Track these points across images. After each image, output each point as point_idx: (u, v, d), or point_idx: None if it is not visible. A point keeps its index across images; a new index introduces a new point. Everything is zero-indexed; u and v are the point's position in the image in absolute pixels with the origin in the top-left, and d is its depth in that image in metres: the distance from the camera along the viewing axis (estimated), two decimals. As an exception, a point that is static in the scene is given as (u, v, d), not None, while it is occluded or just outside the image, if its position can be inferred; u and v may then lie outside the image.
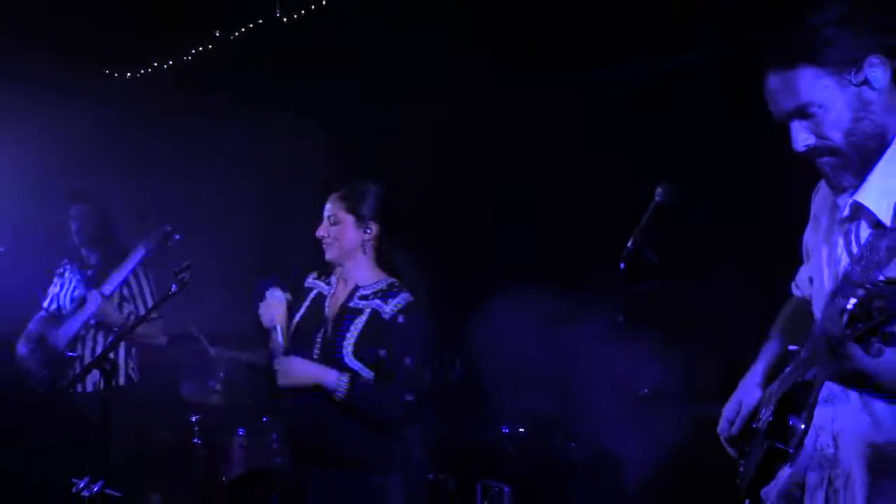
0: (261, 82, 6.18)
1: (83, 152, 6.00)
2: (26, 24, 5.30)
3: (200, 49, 5.67)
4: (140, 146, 6.11)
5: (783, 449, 2.24)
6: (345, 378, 3.40)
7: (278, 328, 3.53)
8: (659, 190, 3.22)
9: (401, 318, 3.50)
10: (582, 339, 5.20)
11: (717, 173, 4.80)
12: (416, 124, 6.40)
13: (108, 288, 4.89)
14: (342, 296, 3.66)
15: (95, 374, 4.82)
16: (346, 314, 3.58)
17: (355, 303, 3.60)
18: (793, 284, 2.74)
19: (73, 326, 4.96)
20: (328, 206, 3.64)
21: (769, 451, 2.31)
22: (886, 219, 2.10)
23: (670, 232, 3.25)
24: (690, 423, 4.62)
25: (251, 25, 5.50)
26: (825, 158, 2.17)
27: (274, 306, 3.59)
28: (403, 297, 3.55)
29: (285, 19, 5.44)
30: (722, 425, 2.60)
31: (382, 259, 3.68)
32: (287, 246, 4.12)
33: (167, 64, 5.82)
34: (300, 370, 3.47)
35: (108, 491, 4.38)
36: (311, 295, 3.73)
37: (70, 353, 4.98)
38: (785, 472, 2.32)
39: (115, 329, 4.98)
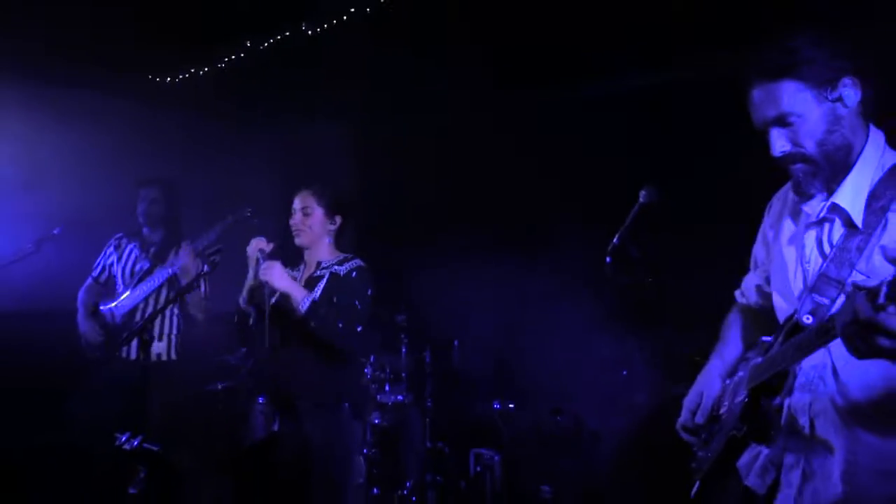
0: (286, 89, 6.31)
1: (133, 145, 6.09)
2: (77, 34, 5.41)
3: (233, 57, 5.79)
4: (181, 144, 6.19)
5: (761, 430, 2.24)
6: (309, 299, 3.75)
7: (260, 258, 3.85)
8: (643, 192, 3.35)
9: (353, 274, 3.95)
10: (569, 325, 5.37)
11: (693, 179, 4.90)
12: (419, 131, 6.57)
13: (200, 243, 4.98)
14: (308, 272, 4.05)
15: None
16: (312, 282, 3.96)
17: (318, 272, 4.00)
18: (738, 292, 2.82)
19: (137, 297, 5.05)
20: (299, 199, 4.03)
21: (740, 435, 2.30)
22: (858, 219, 2.20)
23: (651, 230, 3.41)
24: (664, 402, 4.80)
25: (279, 37, 5.61)
26: (798, 165, 2.25)
27: (258, 245, 3.91)
28: (356, 262, 4.01)
29: (310, 32, 5.57)
30: (684, 416, 2.64)
31: (340, 243, 4.13)
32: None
33: (203, 71, 5.94)
34: (279, 275, 3.79)
35: (146, 445, 4.50)
36: None
37: (134, 323, 5.05)
38: (763, 452, 2.34)
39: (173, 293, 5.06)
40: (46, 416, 5.07)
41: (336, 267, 3.98)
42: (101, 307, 5.05)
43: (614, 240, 3.45)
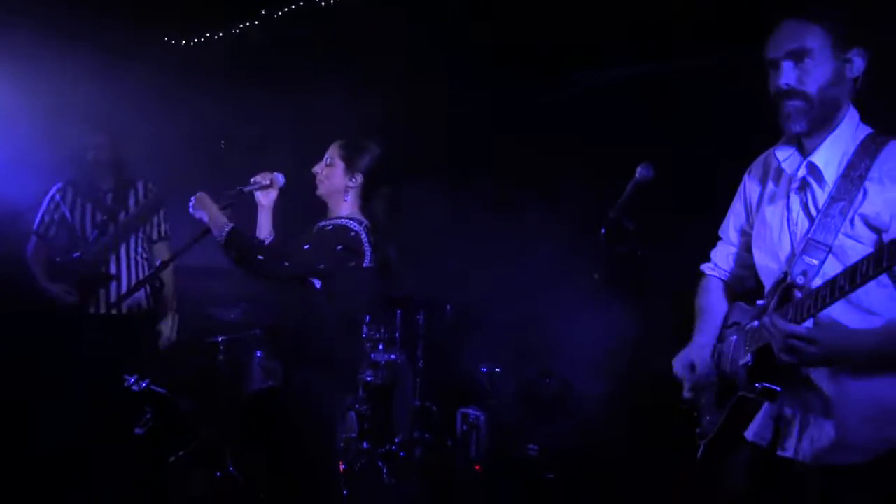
0: (298, 58, 6.34)
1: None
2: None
3: (248, 24, 5.85)
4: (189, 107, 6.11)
5: (771, 388, 2.37)
6: (227, 227, 3.60)
7: (204, 217, 3.68)
8: (639, 169, 3.48)
9: (329, 227, 3.71)
10: (560, 292, 5.53)
11: (687, 159, 5.04)
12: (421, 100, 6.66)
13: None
14: None
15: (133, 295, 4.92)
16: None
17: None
18: (706, 266, 3.01)
19: (104, 244, 4.90)
20: (329, 150, 3.85)
21: (752, 395, 2.42)
22: (830, 180, 2.43)
23: (646, 204, 3.56)
24: (647, 369, 4.98)
25: (293, 6, 5.68)
26: (795, 101, 2.44)
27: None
28: (345, 221, 3.71)
29: (323, 3, 5.66)
30: (687, 389, 2.74)
31: (365, 207, 3.84)
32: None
33: (218, 35, 5.98)
34: (206, 204, 3.69)
35: (153, 387, 4.63)
36: None
37: (108, 272, 4.91)
38: (763, 408, 2.50)
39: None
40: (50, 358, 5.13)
41: (326, 221, 3.80)
42: (63, 259, 4.90)
43: (610, 213, 3.50)
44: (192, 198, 3.75)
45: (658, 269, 4.15)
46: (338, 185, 3.82)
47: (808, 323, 2.28)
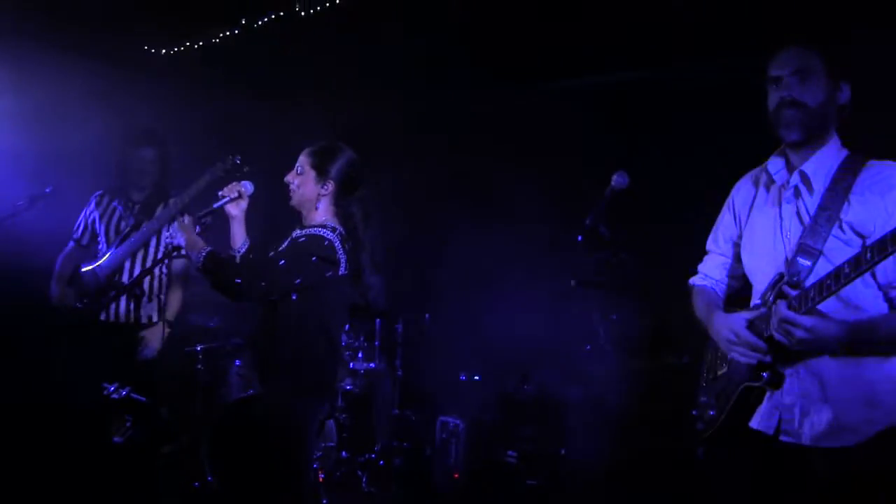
0: (278, 69, 6.36)
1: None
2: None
3: (227, 34, 5.84)
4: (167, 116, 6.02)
5: (778, 373, 2.63)
6: (204, 252, 3.57)
7: (182, 243, 3.69)
8: (615, 177, 3.43)
9: (302, 239, 3.62)
10: (537, 300, 5.56)
11: (661, 167, 5.11)
12: (397, 113, 6.69)
13: (188, 195, 4.82)
14: None
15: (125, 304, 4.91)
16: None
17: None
18: (694, 278, 3.18)
19: (121, 255, 4.87)
20: (300, 157, 3.74)
21: (759, 384, 2.66)
22: (819, 189, 2.70)
23: (621, 212, 3.60)
24: (624, 374, 5.03)
25: (273, 17, 5.68)
26: (794, 111, 2.71)
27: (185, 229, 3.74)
28: (318, 230, 3.63)
29: (303, 13, 5.63)
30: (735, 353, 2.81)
31: (339, 214, 3.74)
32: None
33: (197, 45, 5.97)
34: (188, 232, 3.69)
35: (134, 395, 4.60)
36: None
37: (120, 281, 4.90)
38: (765, 398, 2.71)
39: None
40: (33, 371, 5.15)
41: (299, 231, 3.71)
42: (83, 268, 4.86)
43: (586, 220, 3.50)
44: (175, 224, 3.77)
45: (634, 274, 4.21)
46: (309, 193, 3.73)
47: None
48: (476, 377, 6.14)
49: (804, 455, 2.60)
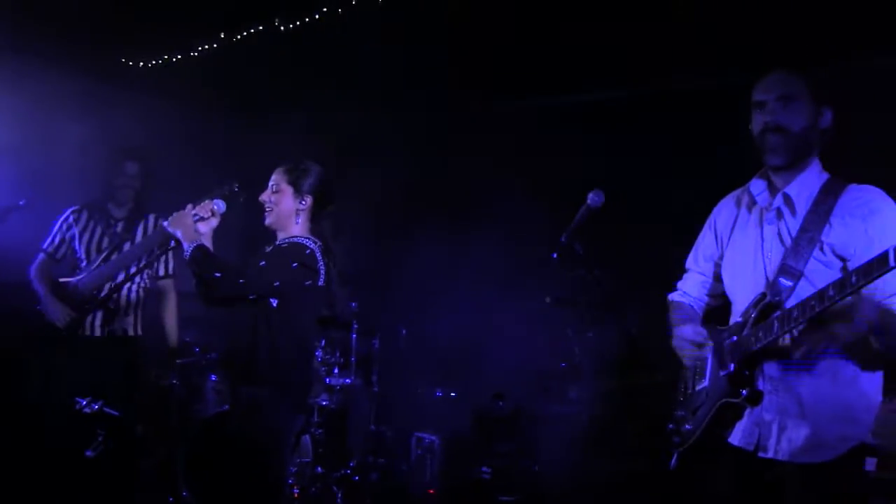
0: (257, 81, 6.37)
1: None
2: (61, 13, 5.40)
3: (206, 47, 5.85)
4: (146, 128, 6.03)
5: (757, 392, 2.64)
6: (195, 244, 3.58)
7: (178, 234, 3.66)
8: (591, 195, 3.51)
9: (284, 244, 3.68)
10: (512, 319, 5.57)
11: (635, 185, 5.12)
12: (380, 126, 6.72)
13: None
14: None
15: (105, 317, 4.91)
16: None
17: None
18: (673, 294, 3.21)
19: (105, 272, 4.85)
20: (273, 176, 3.79)
21: (737, 401, 2.66)
22: (801, 209, 2.74)
23: (596, 230, 3.61)
24: (597, 392, 5.05)
25: (252, 30, 5.70)
26: (778, 137, 2.75)
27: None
28: (301, 238, 3.68)
29: (282, 28, 5.67)
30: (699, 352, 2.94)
31: (314, 229, 3.79)
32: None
33: (175, 58, 5.96)
34: (184, 221, 3.67)
35: (106, 409, 4.52)
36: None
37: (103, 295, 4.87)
38: (745, 416, 2.73)
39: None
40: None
41: (283, 238, 3.75)
42: (64, 280, 4.86)
43: (561, 238, 3.58)
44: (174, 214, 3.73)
45: (609, 291, 4.22)
46: (287, 209, 3.76)
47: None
48: (452, 393, 6.14)
49: (782, 470, 2.64)
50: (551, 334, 4.99)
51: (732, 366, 2.70)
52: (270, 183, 3.80)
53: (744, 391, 2.64)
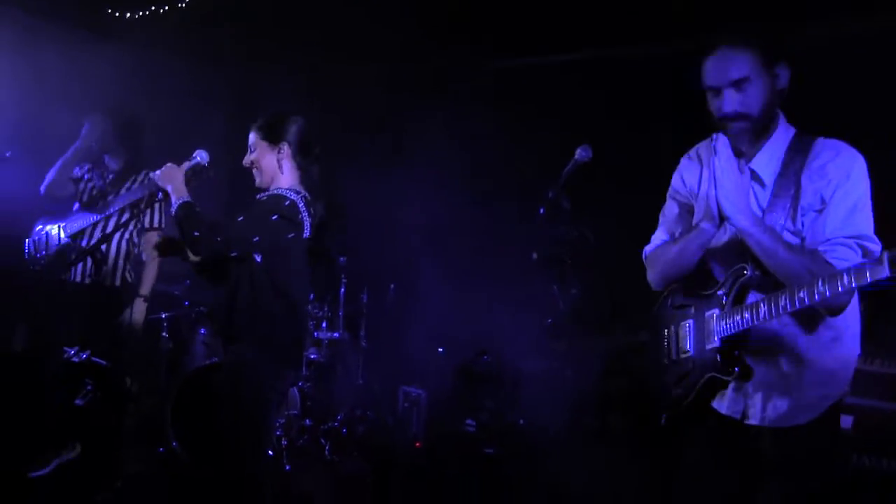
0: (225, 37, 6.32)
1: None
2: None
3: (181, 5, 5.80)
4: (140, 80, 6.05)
5: (748, 367, 2.59)
6: (182, 199, 3.53)
7: (169, 187, 3.61)
8: (578, 150, 3.44)
9: (263, 197, 3.59)
10: (498, 274, 5.58)
11: (623, 142, 5.15)
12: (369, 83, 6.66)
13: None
14: None
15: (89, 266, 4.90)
16: None
17: None
18: (651, 246, 3.02)
19: (88, 220, 4.87)
20: (249, 137, 3.71)
21: (727, 377, 2.62)
22: (769, 180, 2.66)
23: (583, 186, 3.60)
24: (582, 348, 5.07)
25: None
26: (740, 123, 2.62)
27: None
28: (281, 190, 3.59)
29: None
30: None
31: (304, 179, 3.70)
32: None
33: (163, 9, 5.89)
34: (174, 175, 3.63)
35: (94, 359, 4.58)
36: None
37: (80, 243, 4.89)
38: (730, 386, 2.69)
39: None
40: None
41: (263, 194, 3.66)
42: (49, 224, 4.89)
43: (549, 193, 3.57)
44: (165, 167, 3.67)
45: (594, 248, 4.23)
46: (269, 163, 3.67)
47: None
48: (439, 349, 6.16)
49: (767, 434, 2.65)
50: (537, 291, 4.98)
51: (718, 341, 2.64)
52: (248, 145, 3.72)
53: (736, 368, 2.61)
